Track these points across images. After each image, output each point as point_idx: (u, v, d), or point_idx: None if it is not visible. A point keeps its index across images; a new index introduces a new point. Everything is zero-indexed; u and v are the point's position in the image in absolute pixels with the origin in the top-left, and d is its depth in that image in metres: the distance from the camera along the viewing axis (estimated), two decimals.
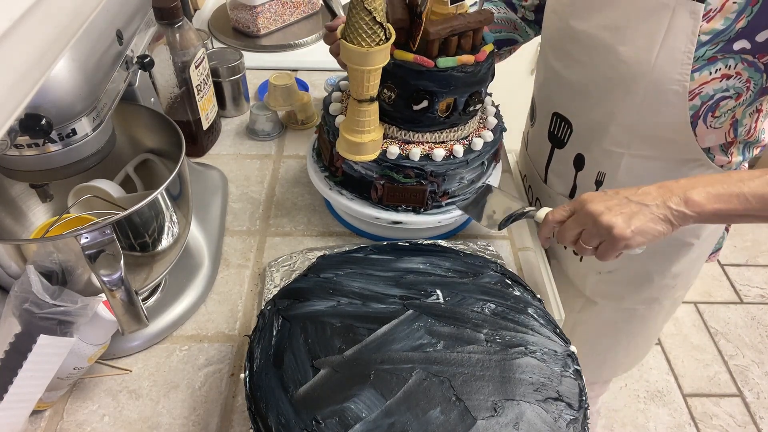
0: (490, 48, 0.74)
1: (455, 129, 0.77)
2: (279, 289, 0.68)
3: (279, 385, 0.56)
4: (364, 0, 0.60)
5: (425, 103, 0.72)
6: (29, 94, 0.34)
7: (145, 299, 0.74)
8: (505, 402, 0.56)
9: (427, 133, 0.76)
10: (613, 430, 1.69)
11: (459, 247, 0.79)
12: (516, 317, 0.64)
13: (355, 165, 0.77)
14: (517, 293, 0.68)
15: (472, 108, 0.75)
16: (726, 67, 0.69)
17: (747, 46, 0.67)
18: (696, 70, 0.69)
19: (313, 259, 0.74)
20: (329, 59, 0.91)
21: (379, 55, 0.65)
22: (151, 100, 0.81)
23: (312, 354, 0.59)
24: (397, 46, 0.70)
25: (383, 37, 0.64)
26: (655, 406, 1.75)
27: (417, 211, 0.79)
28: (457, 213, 0.80)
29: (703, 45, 0.67)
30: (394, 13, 0.70)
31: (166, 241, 0.68)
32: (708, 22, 0.66)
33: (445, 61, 0.70)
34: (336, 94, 0.83)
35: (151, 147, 0.78)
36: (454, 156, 0.76)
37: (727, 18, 0.65)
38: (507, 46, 0.98)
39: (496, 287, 0.68)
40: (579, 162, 0.87)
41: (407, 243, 0.75)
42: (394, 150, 0.74)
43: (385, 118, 0.76)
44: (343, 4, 0.95)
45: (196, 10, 1.40)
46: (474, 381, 0.57)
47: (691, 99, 0.71)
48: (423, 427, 0.53)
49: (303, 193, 0.94)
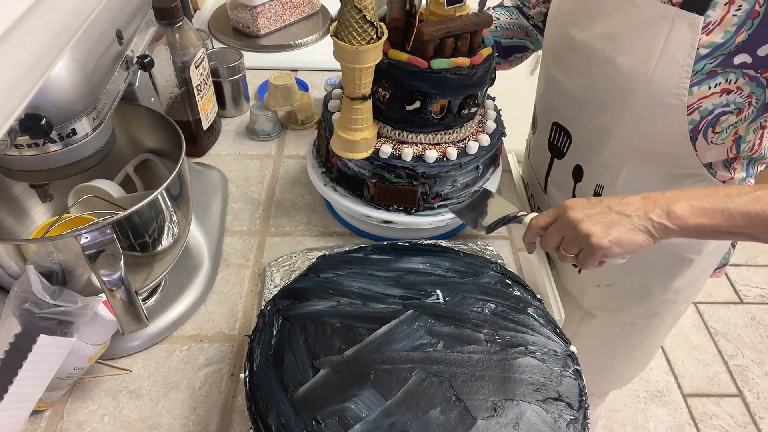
0: (488, 51, 0.73)
1: (450, 131, 0.77)
2: (279, 289, 0.68)
3: (279, 385, 0.56)
4: None
5: (418, 103, 0.72)
6: (29, 94, 0.34)
7: (145, 299, 0.74)
8: (505, 402, 0.56)
9: (421, 134, 0.76)
10: (613, 430, 1.69)
11: (459, 247, 0.79)
12: (516, 317, 0.64)
13: (349, 162, 0.77)
14: (517, 293, 0.68)
15: (467, 111, 0.75)
16: (726, 81, 0.67)
17: (748, 60, 0.65)
18: (694, 84, 0.68)
19: (313, 259, 0.74)
20: (329, 59, 0.91)
21: (370, 54, 0.64)
22: (151, 100, 0.81)
23: (312, 354, 0.59)
24: (393, 46, 0.70)
25: (374, 36, 0.63)
26: (655, 406, 1.75)
27: (408, 212, 0.79)
28: (449, 216, 0.79)
29: (702, 58, 0.66)
30: (391, 12, 0.70)
31: (166, 241, 0.68)
32: (707, 35, 0.65)
33: (439, 63, 0.69)
34: (337, 92, 0.83)
35: (151, 147, 0.78)
36: (447, 158, 0.75)
37: (727, 31, 0.64)
38: (518, 52, 0.97)
39: (496, 287, 0.68)
40: (578, 173, 0.87)
41: (407, 243, 0.75)
42: (387, 149, 0.74)
43: (380, 117, 0.76)
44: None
45: (196, 10, 1.40)
46: (474, 381, 0.57)
47: (690, 113, 0.70)
48: (423, 427, 0.53)
49: (303, 193, 0.94)
